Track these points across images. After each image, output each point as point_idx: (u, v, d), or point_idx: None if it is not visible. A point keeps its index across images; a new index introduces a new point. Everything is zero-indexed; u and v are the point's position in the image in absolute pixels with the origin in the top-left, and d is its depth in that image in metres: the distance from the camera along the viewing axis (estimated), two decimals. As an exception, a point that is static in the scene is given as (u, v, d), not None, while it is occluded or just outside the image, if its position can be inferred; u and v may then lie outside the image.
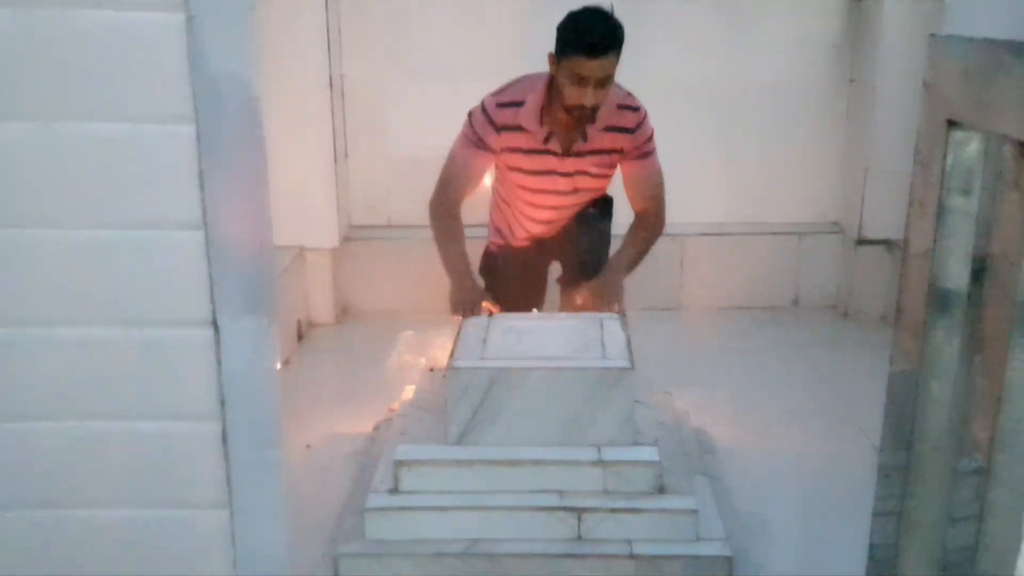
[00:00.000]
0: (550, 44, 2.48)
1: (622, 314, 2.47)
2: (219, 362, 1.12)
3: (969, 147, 0.81)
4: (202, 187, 1.06)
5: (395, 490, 2.09)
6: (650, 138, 2.63)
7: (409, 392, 2.60)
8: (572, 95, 2.40)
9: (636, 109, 2.60)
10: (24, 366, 1.14)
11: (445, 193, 2.68)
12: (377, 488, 2.11)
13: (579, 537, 2.04)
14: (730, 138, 3.79)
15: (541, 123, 2.55)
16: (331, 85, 3.55)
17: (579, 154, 2.59)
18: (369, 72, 3.74)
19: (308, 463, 2.60)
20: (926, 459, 1.11)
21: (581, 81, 2.38)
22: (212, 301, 1.10)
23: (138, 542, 1.22)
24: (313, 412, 2.92)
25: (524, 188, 2.71)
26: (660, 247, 2.82)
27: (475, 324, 2.38)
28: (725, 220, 3.87)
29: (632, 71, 2.93)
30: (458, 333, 2.33)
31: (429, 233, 2.77)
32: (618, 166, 2.68)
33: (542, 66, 2.55)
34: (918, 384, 1.05)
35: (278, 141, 3.07)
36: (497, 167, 2.74)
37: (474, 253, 2.84)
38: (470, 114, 2.66)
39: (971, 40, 0.76)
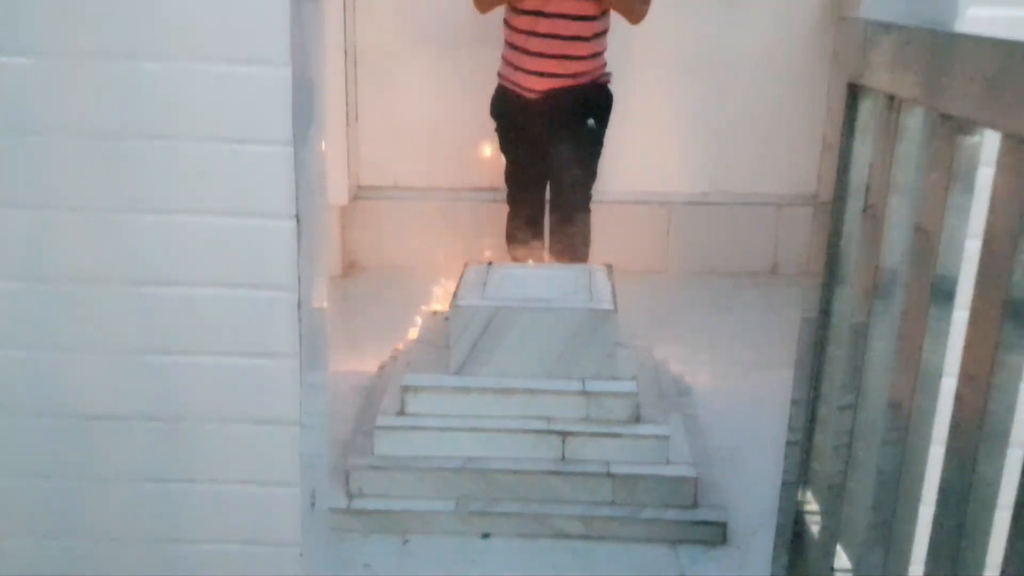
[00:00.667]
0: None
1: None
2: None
3: (865, 103, 1.05)
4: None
5: (401, 412, 2.35)
6: None
7: (414, 333, 2.86)
8: None
9: None
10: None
11: None
12: (386, 410, 2.37)
13: (563, 458, 2.31)
14: (716, 110, 4.02)
15: None
16: (345, 53, 3.78)
17: None
18: (380, 41, 3.97)
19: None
20: (826, 397, 1.33)
21: None
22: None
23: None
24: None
25: None
26: (648, 213, 3.08)
27: (476, 271, 2.64)
28: (710, 189, 4.12)
29: (622, 41, 3.17)
30: (461, 278, 2.59)
31: (431, 193, 3.02)
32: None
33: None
34: (820, 331, 1.28)
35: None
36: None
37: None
38: None
39: (865, 21, 0.99)
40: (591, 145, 3.13)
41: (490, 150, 4.05)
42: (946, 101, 0.83)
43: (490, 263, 2.73)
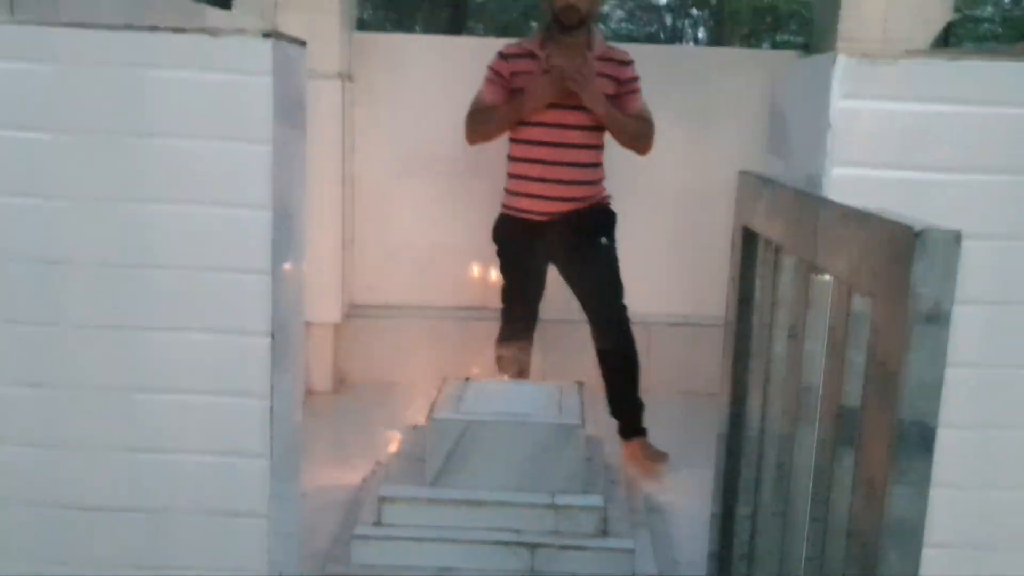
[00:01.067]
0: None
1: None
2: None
3: (754, 245, 1.22)
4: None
5: (378, 522, 2.45)
6: (637, 79, 3.17)
7: (394, 446, 2.97)
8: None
9: (626, 57, 3.19)
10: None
11: (467, 116, 3.24)
12: (364, 520, 2.47)
13: (532, 569, 2.39)
14: (694, 236, 4.25)
15: (543, 44, 3.12)
16: (343, 181, 4.04)
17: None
18: (377, 171, 4.24)
19: (303, 507, 2.95)
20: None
21: None
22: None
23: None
24: (308, 467, 3.26)
25: (528, 123, 3.14)
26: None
27: (454, 386, 2.78)
28: (691, 312, 4.29)
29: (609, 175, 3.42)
30: (438, 392, 2.73)
31: (421, 311, 3.19)
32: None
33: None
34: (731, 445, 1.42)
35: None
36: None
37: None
38: (488, 66, 3.24)
39: (756, 175, 1.18)
40: (609, 258, 3.28)
41: (477, 270, 4.27)
42: (800, 248, 1.00)
43: (467, 378, 2.87)
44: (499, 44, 3.36)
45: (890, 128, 1.08)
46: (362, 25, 11.02)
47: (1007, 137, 1.10)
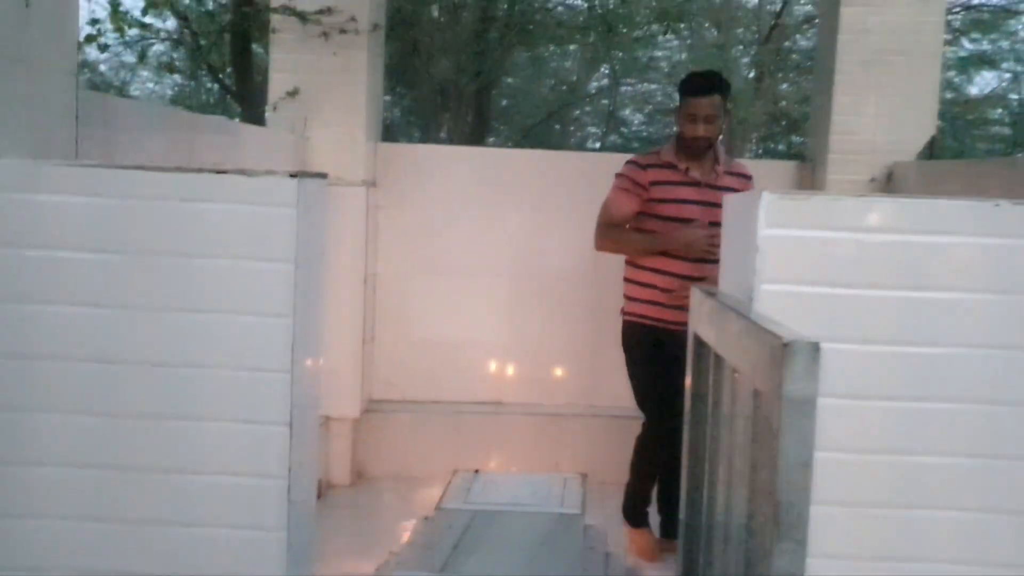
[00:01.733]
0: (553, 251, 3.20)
1: None
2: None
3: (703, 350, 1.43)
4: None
5: (390, 606, 2.60)
6: None
7: (406, 536, 3.13)
8: (688, 129, 3.22)
9: (747, 171, 3.43)
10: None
11: (601, 226, 3.37)
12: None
13: (534, 652, 2.51)
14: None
15: (678, 158, 3.31)
16: (365, 281, 4.29)
17: (712, 186, 3.28)
18: (397, 271, 4.49)
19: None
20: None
21: (692, 117, 3.20)
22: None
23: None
24: (326, 558, 3.43)
25: (667, 219, 3.27)
26: (622, 425, 3.41)
27: (463, 478, 2.95)
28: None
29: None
30: (448, 484, 2.90)
31: (438, 407, 3.38)
32: None
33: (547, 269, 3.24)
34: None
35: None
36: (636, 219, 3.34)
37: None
38: (617, 174, 3.38)
39: (703, 289, 1.40)
40: None
41: (493, 365, 4.48)
42: (724, 350, 1.20)
43: (476, 471, 3.04)
44: (509, 153, 3.65)
45: (806, 252, 1.29)
46: (387, 128, 11.54)
47: (894, 260, 1.31)
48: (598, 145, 18.62)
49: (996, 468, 1.44)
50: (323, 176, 1.57)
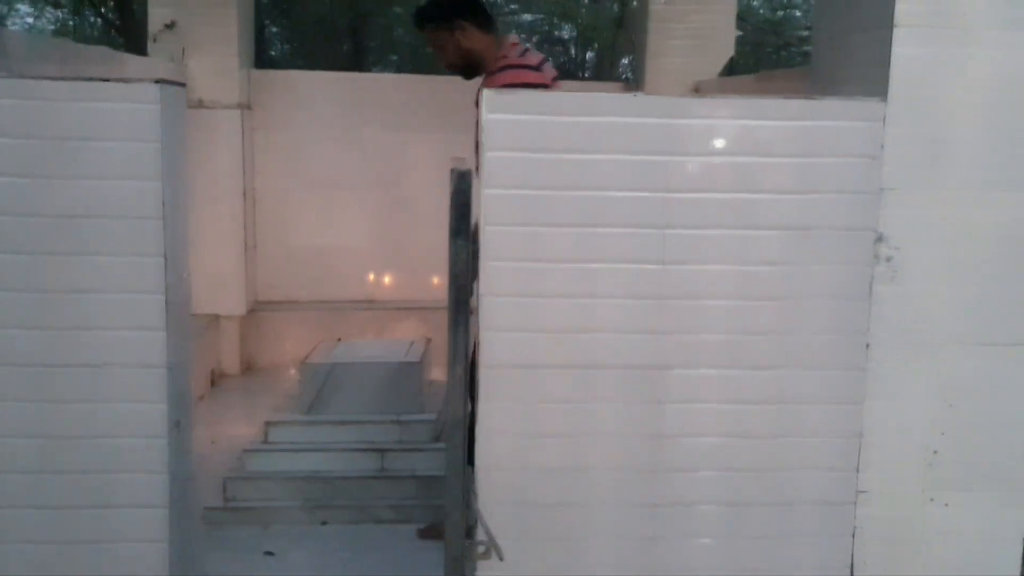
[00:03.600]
0: (414, 166, 3.81)
1: None
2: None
3: None
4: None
5: (265, 440, 3.24)
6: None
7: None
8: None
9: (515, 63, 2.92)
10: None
11: None
12: (253, 440, 3.26)
13: (382, 468, 3.21)
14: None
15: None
16: (244, 195, 4.83)
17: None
18: (274, 187, 5.03)
19: (212, 447, 3.72)
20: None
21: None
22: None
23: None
24: (220, 427, 4.04)
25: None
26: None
27: (326, 344, 3.59)
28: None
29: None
30: (313, 348, 3.54)
31: (317, 305, 3.98)
32: None
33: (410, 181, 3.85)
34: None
35: (203, 236, 4.31)
36: None
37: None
38: None
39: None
40: None
41: (367, 271, 5.10)
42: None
43: (339, 339, 3.69)
44: (376, 77, 4.20)
45: (518, 129, 1.93)
46: (270, 62, 11.79)
47: (571, 135, 1.94)
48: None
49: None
50: (182, 84, 2.13)
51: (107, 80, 1.99)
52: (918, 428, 2.11)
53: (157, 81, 1.95)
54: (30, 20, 11.37)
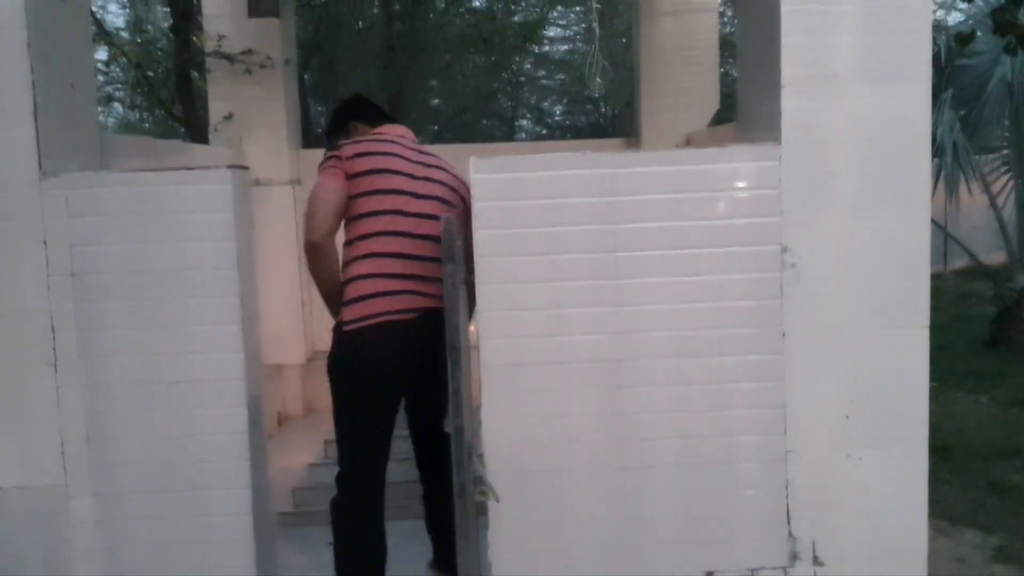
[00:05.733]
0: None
1: None
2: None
3: None
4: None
5: (325, 456, 3.86)
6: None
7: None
8: None
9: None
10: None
11: None
12: (316, 456, 3.89)
13: (422, 475, 3.79)
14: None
15: None
16: (298, 260, 5.53)
17: None
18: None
19: (283, 466, 4.36)
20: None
21: None
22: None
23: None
24: (288, 458, 4.69)
25: None
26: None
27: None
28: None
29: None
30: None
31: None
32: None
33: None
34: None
35: (265, 297, 4.99)
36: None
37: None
38: None
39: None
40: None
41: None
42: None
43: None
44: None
45: (499, 185, 2.56)
46: (317, 139, 12.70)
47: (534, 189, 2.62)
48: (522, 136, 20.00)
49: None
50: (245, 168, 2.81)
51: (192, 168, 2.69)
52: (831, 397, 2.65)
53: (229, 167, 2.64)
54: (100, 118, 12.52)
